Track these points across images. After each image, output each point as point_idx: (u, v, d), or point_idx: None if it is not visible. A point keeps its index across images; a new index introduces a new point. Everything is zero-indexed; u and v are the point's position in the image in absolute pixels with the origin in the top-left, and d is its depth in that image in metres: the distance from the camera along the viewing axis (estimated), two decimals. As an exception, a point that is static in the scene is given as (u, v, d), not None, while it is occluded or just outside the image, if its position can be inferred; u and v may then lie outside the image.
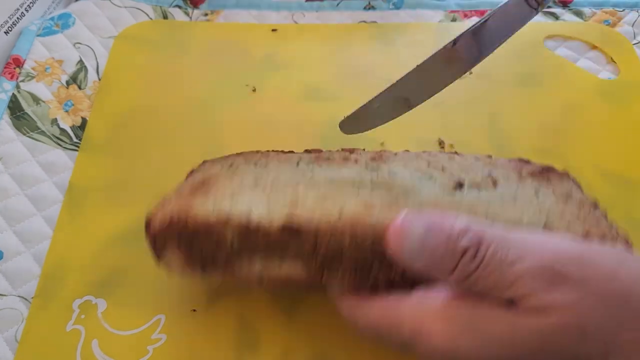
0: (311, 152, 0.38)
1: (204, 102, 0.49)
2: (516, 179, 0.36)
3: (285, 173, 0.35)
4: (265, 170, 0.35)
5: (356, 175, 0.34)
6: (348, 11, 0.56)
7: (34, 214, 0.43)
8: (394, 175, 0.35)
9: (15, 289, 0.39)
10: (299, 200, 0.31)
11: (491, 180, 0.35)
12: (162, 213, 0.32)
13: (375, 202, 0.31)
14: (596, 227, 0.33)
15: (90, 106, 0.49)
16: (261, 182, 0.34)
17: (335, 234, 0.30)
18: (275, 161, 0.37)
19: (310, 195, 0.32)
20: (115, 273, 0.40)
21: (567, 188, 0.36)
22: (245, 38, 0.54)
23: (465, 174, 0.35)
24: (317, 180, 0.34)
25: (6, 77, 0.49)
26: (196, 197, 0.32)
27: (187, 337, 0.37)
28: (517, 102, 0.48)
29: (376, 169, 0.35)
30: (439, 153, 0.38)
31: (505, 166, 0.37)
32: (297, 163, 0.36)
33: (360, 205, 0.31)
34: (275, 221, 0.30)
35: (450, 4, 0.56)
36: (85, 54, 0.52)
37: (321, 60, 0.52)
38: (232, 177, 0.34)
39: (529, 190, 0.35)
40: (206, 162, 0.39)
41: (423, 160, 0.37)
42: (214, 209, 0.31)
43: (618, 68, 0.51)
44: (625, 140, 0.46)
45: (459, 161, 0.37)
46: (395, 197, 0.32)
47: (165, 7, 0.56)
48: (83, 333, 0.38)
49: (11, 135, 0.46)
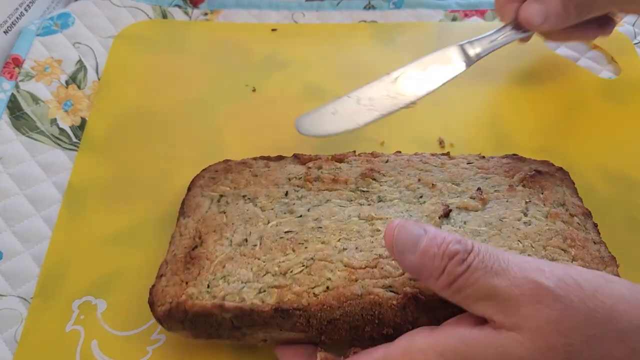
0: (299, 159, 0.40)
1: (203, 102, 0.49)
2: (507, 190, 0.36)
3: (273, 219, 0.36)
4: (253, 210, 0.37)
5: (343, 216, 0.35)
6: (348, 11, 0.56)
7: (33, 214, 0.43)
8: (383, 204, 0.36)
9: (14, 289, 0.39)
10: (287, 275, 0.33)
11: (480, 199, 0.36)
12: (162, 295, 0.34)
13: (360, 263, 0.33)
14: (582, 248, 0.33)
15: (89, 106, 0.49)
16: (250, 243, 0.35)
17: (324, 308, 0.31)
18: (264, 193, 0.38)
19: (297, 266, 0.33)
20: (114, 273, 0.40)
21: (559, 194, 0.36)
22: (245, 38, 0.54)
23: (456, 187, 0.37)
24: (304, 230, 0.35)
25: (5, 76, 0.49)
26: (190, 275, 0.34)
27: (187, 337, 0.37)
28: (517, 101, 0.48)
29: (366, 191, 0.37)
30: (431, 157, 0.39)
31: (497, 170, 0.38)
32: (285, 193, 0.37)
33: (344, 275, 0.32)
34: (267, 304, 0.32)
35: (450, 4, 0.56)
36: (85, 54, 0.52)
37: (321, 60, 0.52)
38: (221, 234, 0.35)
39: (518, 206, 0.35)
40: (198, 179, 0.40)
41: (414, 172, 0.38)
42: (209, 296, 0.33)
43: (619, 67, 0.51)
44: (626, 140, 0.46)
45: (450, 170, 0.38)
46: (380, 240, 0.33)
47: (165, 6, 0.56)
48: (82, 333, 0.37)
49: (10, 135, 0.46)
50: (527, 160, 0.39)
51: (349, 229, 0.35)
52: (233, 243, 0.35)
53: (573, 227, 0.34)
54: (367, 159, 0.39)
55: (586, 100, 0.48)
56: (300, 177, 0.38)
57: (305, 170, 0.39)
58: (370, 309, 0.31)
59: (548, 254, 0.32)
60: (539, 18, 0.42)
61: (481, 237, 0.33)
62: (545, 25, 0.42)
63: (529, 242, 0.33)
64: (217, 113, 0.47)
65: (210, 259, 0.34)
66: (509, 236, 0.33)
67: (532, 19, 0.42)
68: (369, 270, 0.32)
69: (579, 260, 0.32)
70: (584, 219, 0.35)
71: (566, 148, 0.44)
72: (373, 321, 0.31)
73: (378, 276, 0.32)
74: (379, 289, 0.31)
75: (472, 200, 0.36)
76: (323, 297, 0.31)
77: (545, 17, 0.42)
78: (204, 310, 0.32)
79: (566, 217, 0.34)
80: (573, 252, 0.32)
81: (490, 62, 0.47)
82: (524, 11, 0.42)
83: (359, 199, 0.37)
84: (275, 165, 0.40)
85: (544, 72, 0.50)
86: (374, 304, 0.31)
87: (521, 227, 0.34)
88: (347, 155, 0.40)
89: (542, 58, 0.50)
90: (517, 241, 0.33)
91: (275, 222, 0.36)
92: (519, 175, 0.37)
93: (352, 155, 0.40)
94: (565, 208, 0.35)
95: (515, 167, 0.38)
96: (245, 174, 0.39)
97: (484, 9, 0.56)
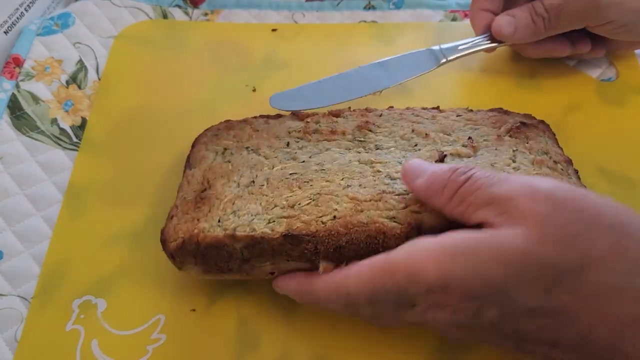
0: (297, 115, 0.42)
1: (204, 102, 0.49)
2: (495, 139, 0.39)
3: (277, 164, 0.38)
4: (257, 158, 0.38)
5: (344, 160, 0.37)
6: (348, 11, 0.56)
7: (33, 214, 0.43)
8: (380, 151, 0.38)
9: (14, 289, 0.39)
10: (295, 207, 0.34)
11: (471, 146, 0.38)
12: (174, 232, 0.35)
13: (365, 197, 0.34)
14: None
15: (90, 106, 0.49)
16: (257, 184, 0.36)
17: (332, 234, 0.33)
18: (266, 145, 0.39)
19: (304, 199, 0.35)
20: (115, 273, 0.40)
21: (542, 144, 0.39)
22: (245, 38, 0.54)
23: (448, 137, 0.39)
24: (308, 172, 0.37)
25: (6, 76, 0.49)
26: (201, 212, 0.35)
27: (187, 337, 0.37)
28: (517, 103, 0.49)
29: (363, 141, 0.39)
30: (422, 110, 0.42)
31: (485, 122, 0.40)
32: (287, 143, 0.39)
33: (350, 206, 0.34)
34: (277, 232, 0.33)
35: (450, 4, 0.56)
36: (85, 54, 0.52)
37: (321, 60, 0.52)
38: (229, 178, 0.37)
39: (506, 154, 0.37)
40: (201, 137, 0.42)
41: (407, 124, 0.40)
42: (220, 228, 0.34)
43: (617, 70, 0.51)
44: (625, 142, 0.46)
45: (441, 122, 0.40)
46: (382, 179, 0.36)
47: (165, 6, 0.56)
48: (83, 333, 0.38)
49: (11, 135, 0.46)
50: (511, 114, 0.42)
51: (351, 170, 0.37)
52: (241, 185, 0.37)
53: (557, 172, 0.36)
54: (361, 113, 0.41)
55: (585, 101, 0.49)
56: (300, 131, 0.40)
57: (304, 125, 0.41)
58: (375, 237, 0.33)
59: None
60: (508, 29, 0.45)
61: None
62: (516, 36, 0.46)
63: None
64: (217, 113, 0.47)
65: (220, 199, 0.36)
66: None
67: (502, 30, 0.45)
68: (373, 203, 0.34)
69: None
70: (566, 166, 0.38)
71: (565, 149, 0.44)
72: (377, 249, 0.33)
73: (382, 208, 0.34)
74: (383, 219, 0.33)
75: (464, 148, 0.38)
76: (331, 225, 0.33)
77: (515, 28, 0.45)
78: (215, 241, 0.34)
79: (551, 164, 0.37)
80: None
81: (489, 63, 0.47)
82: (495, 23, 0.46)
83: (357, 147, 0.39)
84: (274, 121, 0.42)
85: (542, 74, 0.50)
86: (379, 232, 0.33)
87: (511, 172, 0.36)
88: (343, 110, 0.42)
89: (541, 60, 0.51)
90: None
91: (280, 167, 0.37)
92: (505, 126, 0.40)
93: (348, 111, 0.42)
94: (549, 156, 0.38)
95: (501, 119, 0.40)
96: (246, 129, 0.41)
97: (484, 9, 0.56)
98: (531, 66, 0.51)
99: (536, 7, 0.45)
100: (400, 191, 0.35)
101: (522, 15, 0.45)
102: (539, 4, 0.45)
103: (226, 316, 0.38)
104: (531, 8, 0.45)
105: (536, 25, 0.45)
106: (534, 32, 0.45)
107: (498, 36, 0.46)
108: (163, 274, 0.39)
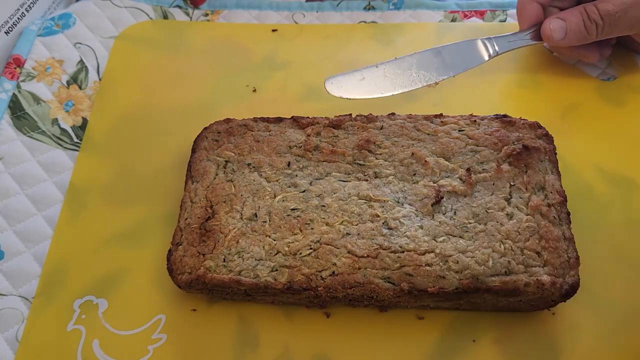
0: (298, 122, 0.43)
1: (204, 102, 0.49)
2: (494, 171, 0.39)
3: (278, 192, 0.39)
4: (259, 180, 0.40)
5: (344, 194, 0.39)
6: (348, 11, 0.56)
7: (34, 214, 0.43)
8: (379, 181, 0.39)
9: (15, 289, 0.40)
10: (297, 256, 0.36)
11: (469, 183, 0.39)
12: (181, 265, 0.37)
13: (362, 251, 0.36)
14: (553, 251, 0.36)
15: (90, 106, 0.49)
16: (259, 218, 0.38)
17: (330, 290, 0.36)
18: (267, 162, 0.41)
19: (305, 248, 0.37)
20: (115, 273, 0.40)
21: (541, 175, 0.39)
22: (246, 38, 0.54)
23: (447, 164, 0.39)
24: (309, 209, 0.38)
25: (7, 77, 0.49)
26: (206, 248, 0.37)
27: (187, 337, 0.38)
28: (517, 102, 0.49)
29: (362, 165, 0.40)
30: (424, 122, 0.42)
31: (486, 141, 0.40)
32: (288, 163, 0.41)
33: (349, 262, 0.36)
34: (279, 282, 0.36)
35: (450, 4, 0.56)
36: (86, 54, 0.52)
37: (321, 60, 0.52)
38: (232, 206, 0.39)
39: (502, 191, 0.38)
40: (202, 140, 0.42)
41: (407, 142, 0.41)
42: (226, 269, 0.36)
43: (617, 69, 0.51)
44: (625, 142, 0.46)
45: (442, 140, 0.41)
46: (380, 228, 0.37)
47: (166, 7, 0.56)
48: (84, 333, 0.38)
49: (12, 135, 0.46)
50: (515, 124, 0.42)
51: (350, 211, 0.38)
52: (244, 217, 0.38)
53: (549, 221, 0.37)
54: (362, 125, 0.42)
55: (585, 101, 0.49)
56: (300, 146, 0.41)
57: (305, 138, 0.41)
58: (370, 293, 0.36)
59: (525, 258, 0.36)
60: (559, 35, 0.45)
61: (469, 233, 0.37)
62: (565, 41, 0.45)
63: (510, 243, 0.36)
64: (217, 113, 0.47)
65: (224, 233, 0.37)
66: (494, 234, 0.37)
67: (553, 34, 0.45)
68: (370, 260, 0.36)
69: (549, 266, 0.36)
70: (559, 208, 0.38)
71: (565, 149, 0.44)
72: (370, 300, 0.37)
73: (378, 267, 0.36)
74: (378, 280, 0.36)
75: (462, 185, 0.39)
76: (329, 281, 0.36)
77: (565, 33, 0.45)
78: (222, 282, 0.36)
79: (544, 210, 0.37)
80: (545, 255, 0.36)
81: (489, 63, 0.47)
82: (545, 26, 0.45)
83: (356, 172, 0.40)
84: (275, 129, 0.43)
85: (543, 73, 0.50)
86: (373, 291, 0.36)
87: (504, 222, 0.37)
88: (344, 120, 0.42)
89: (541, 60, 0.51)
90: (500, 242, 0.37)
91: (281, 196, 0.39)
92: (506, 149, 0.40)
93: (349, 119, 0.42)
94: (545, 194, 0.38)
95: (503, 137, 0.41)
96: (247, 138, 0.42)
97: (483, 9, 0.56)
98: (532, 65, 0.51)
99: (590, 13, 0.44)
100: (396, 248, 0.36)
101: (574, 20, 0.44)
102: (593, 9, 0.44)
103: (226, 316, 0.38)
104: (584, 13, 0.44)
105: (588, 31, 0.44)
106: (584, 37, 0.45)
107: (548, 41, 0.46)
108: (164, 274, 0.39)
